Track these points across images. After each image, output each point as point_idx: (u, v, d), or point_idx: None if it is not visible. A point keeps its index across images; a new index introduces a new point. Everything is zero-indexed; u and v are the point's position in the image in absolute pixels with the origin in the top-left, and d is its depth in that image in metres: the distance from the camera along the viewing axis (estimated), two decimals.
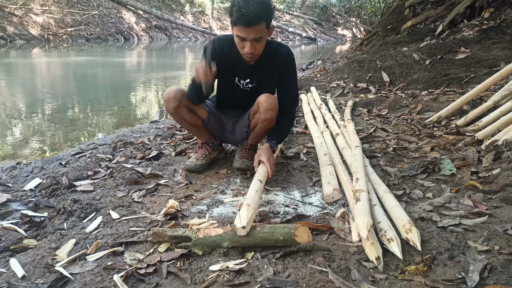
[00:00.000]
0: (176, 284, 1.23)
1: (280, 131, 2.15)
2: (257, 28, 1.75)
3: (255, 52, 1.84)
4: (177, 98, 2.05)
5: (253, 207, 1.48)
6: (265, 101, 1.98)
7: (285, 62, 2.05)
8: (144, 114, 4.81)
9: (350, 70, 5.52)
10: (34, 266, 1.34)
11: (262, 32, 1.79)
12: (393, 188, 1.88)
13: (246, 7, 1.69)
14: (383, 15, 8.99)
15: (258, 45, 1.83)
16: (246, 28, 1.74)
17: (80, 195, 1.94)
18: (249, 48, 1.81)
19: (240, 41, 1.82)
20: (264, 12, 1.73)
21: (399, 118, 3.28)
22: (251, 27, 1.73)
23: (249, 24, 1.72)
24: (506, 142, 2.11)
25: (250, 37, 1.77)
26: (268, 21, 1.78)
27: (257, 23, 1.73)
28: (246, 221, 1.37)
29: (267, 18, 1.77)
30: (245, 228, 1.36)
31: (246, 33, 1.76)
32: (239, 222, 1.38)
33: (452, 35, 5.34)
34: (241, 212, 1.42)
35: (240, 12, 1.70)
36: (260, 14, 1.71)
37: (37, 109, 4.67)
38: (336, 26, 27.44)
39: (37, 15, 12.98)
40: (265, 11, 1.73)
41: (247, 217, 1.39)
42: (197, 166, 2.21)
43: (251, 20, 1.71)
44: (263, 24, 1.76)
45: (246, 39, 1.79)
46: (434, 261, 1.27)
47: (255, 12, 1.69)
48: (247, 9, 1.69)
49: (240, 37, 1.80)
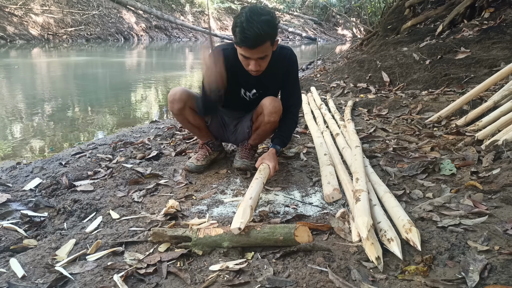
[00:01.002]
0: (176, 284, 1.23)
1: (285, 135, 2.13)
2: (262, 48, 1.71)
3: (260, 69, 1.81)
4: (182, 99, 2.04)
5: (250, 205, 1.48)
6: (270, 104, 1.96)
7: (289, 65, 2.02)
8: (144, 114, 4.81)
9: (350, 70, 5.52)
10: (34, 266, 1.34)
11: (267, 51, 1.75)
12: (393, 188, 1.88)
13: (250, 29, 1.62)
14: (383, 15, 8.99)
15: (263, 62, 1.80)
16: (250, 50, 1.70)
17: (80, 195, 1.94)
18: (254, 66, 1.77)
19: (244, 59, 1.78)
20: (268, 31, 1.67)
21: (399, 118, 3.28)
22: (255, 48, 1.69)
23: (253, 46, 1.68)
24: (506, 142, 2.11)
25: (255, 57, 1.74)
26: (272, 39, 1.74)
27: (262, 44, 1.69)
28: (242, 221, 1.37)
29: (272, 37, 1.72)
30: (240, 229, 1.36)
31: (251, 53, 1.72)
32: (236, 221, 1.38)
33: (452, 35, 5.34)
34: (237, 212, 1.42)
35: (244, 34, 1.64)
36: (264, 35, 1.66)
37: (37, 109, 4.67)
38: (336, 26, 27.43)
39: (37, 15, 12.98)
40: (269, 31, 1.68)
41: (243, 216, 1.39)
42: (197, 167, 2.21)
43: (255, 42, 1.67)
44: (267, 43, 1.72)
45: (251, 58, 1.75)
46: (434, 261, 1.27)
47: (259, 34, 1.63)
48: (251, 31, 1.63)
49: (244, 56, 1.76)
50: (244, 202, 1.49)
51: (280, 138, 2.10)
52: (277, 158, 2.00)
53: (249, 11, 1.67)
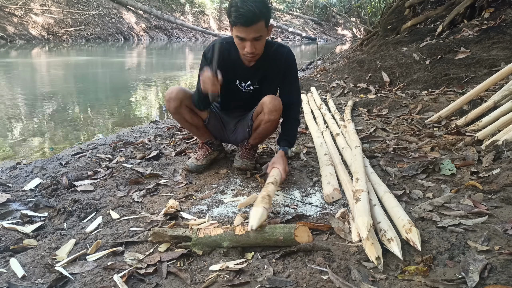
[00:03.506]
0: (176, 284, 1.23)
1: (290, 135, 2.13)
2: (256, 27, 1.75)
3: (255, 51, 1.84)
4: (178, 98, 2.05)
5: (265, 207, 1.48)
6: (270, 103, 1.97)
7: (286, 63, 2.04)
8: (144, 114, 4.81)
9: (350, 70, 5.52)
10: (34, 266, 1.34)
11: (262, 31, 1.79)
12: (393, 188, 1.88)
13: (244, 6, 1.69)
14: (383, 15, 8.99)
15: (258, 44, 1.83)
16: (245, 28, 1.74)
17: (80, 195, 1.94)
18: (249, 48, 1.81)
19: (240, 41, 1.82)
20: (263, 10, 1.73)
21: (399, 118, 3.28)
22: (250, 26, 1.73)
23: (248, 23, 1.72)
24: (506, 142, 2.11)
25: (250, 36, 1.77)
26: (266, 19, 1.79)
27: (256, 22, 1.73)
28: (257, 222, 1.39)
29: (266, 16, 1.78)
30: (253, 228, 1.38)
31: (246, 32, 1.76)
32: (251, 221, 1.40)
33: (452, 35, 5.34)
34: (252, 212, 1.43)
35: (239, 12, 1.70)
36: (258, 13, 1.71)
37: (37, 109, 4.67)
38: (336, 26, 27.45)
39: (37, 15, 12.99)
40: (264, 9, 1.74)
41: (258, 217, 1.40)
42: (197, 167, 2.21)
43: (250, 19, 1.71)
44: (262, 22, 1.76)
45: (246, 38, 1.79)
46: (434, 261, 1.27)
47: (253, 11, 1.69)
48: (245, 8, 1.69)
49: (239, 37, 1.80)
50: (260, 202, 1.50)
51: (286, 139, 2.11)
52: (286, 160, 2.00)
53: None
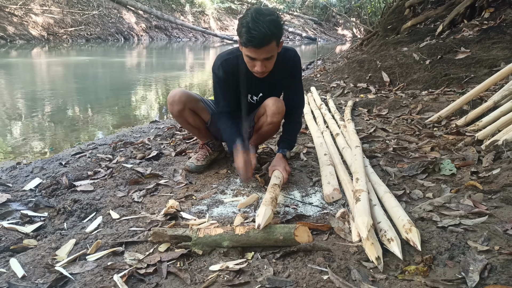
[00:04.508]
0: (176, 284, 1.23)
1: (290, 137, 2.12)
2: (268, 48, 1.71)
3: (266, 70, 1.81)
4: (182, 101, 2.04)
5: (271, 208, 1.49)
6: (273, 105, 1.96)
7: (293, 67, 2.01)
8: (144, 114, 4.81)
9: (350, 70, 5.52)
10: (34, 266, 1.34)
11: (273, 51, 1.75)
12: (393, 188, 1.88)
13: (256, 28, 1.63)
14: (383, 15, 8.99)
15: (269, 63, 1.80)
16: (257, 50, 1.70)
17: (80, 195, 1.94)
18: (259, 67, 1.77)
19: (250, 60, 1.78)
20: (274, 31, 1.68)
21: (399, 118, 3.28)
22: (261, 48, 1.69)
23: (259, 46, 1.68)
24: (506, 142, 2.11)
25: (261, 57, 1.74)
26: (278, 39, 1.74)
27: (268, 44, 1.69)
28: (265, 222, 1.39)
29: (277, 36, 1.73)
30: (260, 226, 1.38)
31: (257, 53, 1.72)
32: (259, 220, 1.40)
33: (452, 35, 5.34)
34: (260, 211, 1.44)
35: (250, 34, 1.64)
36: (270, 34, 1.66)
37: (37, 109, 4.66)
38: (336, 26, 27.44)
39: (37, 15, 12.98)
40: (275, 30, 1.68)
41: (267, 218, 1.41)
42: (197, 167, 2.21)
43: (261, 41, 1.66)
44: (273, 43, 1.72)
45: (257, 59, 1.75)
46: (434, 261, 1.27)
47: (265, 33, 1.64)
48: (257, 30, 1.63)
49: (250, 57, 1.76)
50: (269, 203, 1.51)
51: (286, 141, 2.10)
52: (286, 162, 2.01)
53: (255, 11, 1.68)
